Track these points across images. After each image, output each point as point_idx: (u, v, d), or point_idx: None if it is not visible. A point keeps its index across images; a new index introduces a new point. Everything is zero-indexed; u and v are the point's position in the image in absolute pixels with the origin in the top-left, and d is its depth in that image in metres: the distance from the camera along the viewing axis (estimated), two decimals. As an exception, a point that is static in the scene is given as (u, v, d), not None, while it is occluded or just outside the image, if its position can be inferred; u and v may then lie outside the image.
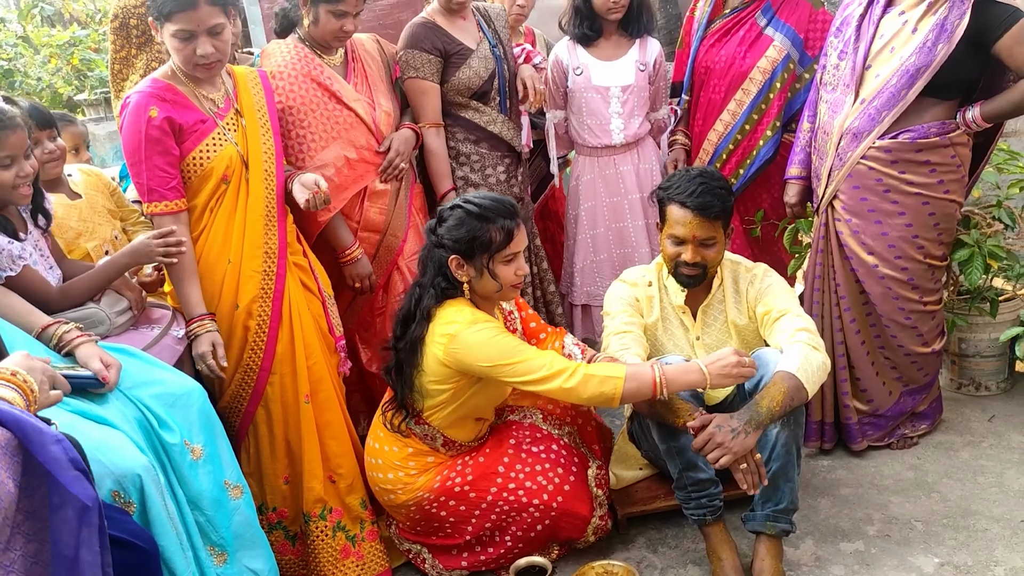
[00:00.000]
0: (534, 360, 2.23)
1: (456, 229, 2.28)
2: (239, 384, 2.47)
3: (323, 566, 2.52)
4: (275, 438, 2.51)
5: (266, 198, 2.45)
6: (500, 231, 2.27)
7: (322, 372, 2.53)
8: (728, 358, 2.20)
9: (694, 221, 2.39)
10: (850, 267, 2.85)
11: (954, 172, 2.72)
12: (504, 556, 2.51)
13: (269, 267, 2.45)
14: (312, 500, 2.50)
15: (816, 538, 2.57)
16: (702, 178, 2.42)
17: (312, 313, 2.56)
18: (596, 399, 2.22)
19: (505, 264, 2.31)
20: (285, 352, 2.47)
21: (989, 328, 3.19)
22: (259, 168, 2.44)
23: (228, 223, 2.42)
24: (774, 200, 3.30)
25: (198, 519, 2.00)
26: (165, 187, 2.32)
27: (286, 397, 2.49)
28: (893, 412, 2.99)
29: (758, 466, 2.19)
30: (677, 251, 2.45)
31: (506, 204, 2.31)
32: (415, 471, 2.47)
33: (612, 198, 3.36)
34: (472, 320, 2.27)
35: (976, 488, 2.73)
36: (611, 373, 2.20)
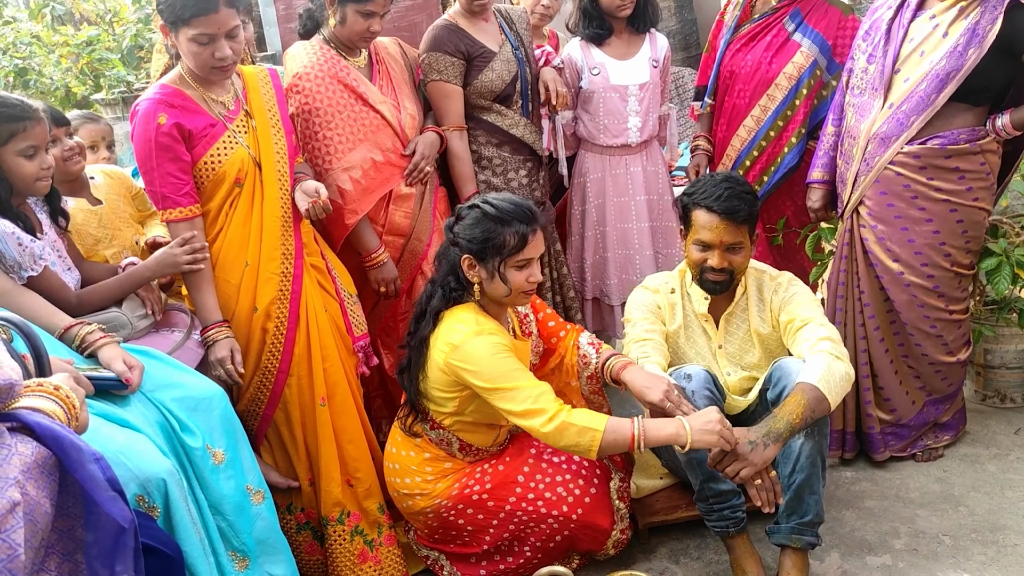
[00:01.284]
0: (522, 391, 2.17)
1: (471, 228, 2.25)
2: (257, 387, 2.45)
3: (341, 570, 2.50)
4: (296, 440, 2.49)
5: (281, 199, 2.42)
6: (515, 235, 2.23)
7: (339, 375, 2.51)
8: (712, 415, 2.12)
9: (721, 226, 2.36)
10: (875, 274, 2.82)
11: (983, 180, 2.68)
12: (523, 566, 2.48)
13: (287, 268, 2.43)
14: (330, 504, 2.48)
15: (842, 551, 2.53)
16: (728, 183, 2.39)
17: (329, 314, 2.54)
18: (571, 448, 2.17)
19: (517, 269, 2.26)
20: (302, 354, 2.45)
21: (1016, 339, 3.15)
22: (272, 169, 2.42)
23: (244, 225, 2.40)
24: (797, 208, 3.27)
25: (220, 524, 1.98)
26: (178, 193, 2.30)
27: (303, 400, 2.47)
28: (916, 422, 2.95)
29: (773, 483, 2.14)
30: (703, 256, 2.42)
31: (525, 209, 2.27)
32: (432, 477, 2.44)
33: (620, 198, 3.33)
34: (477, 331, 2.23)
35: (1004, 502, 2.68)
36: (591, 424, 2.13)
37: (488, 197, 2.31)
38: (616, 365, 2.40)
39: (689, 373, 2.38)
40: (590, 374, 2.53)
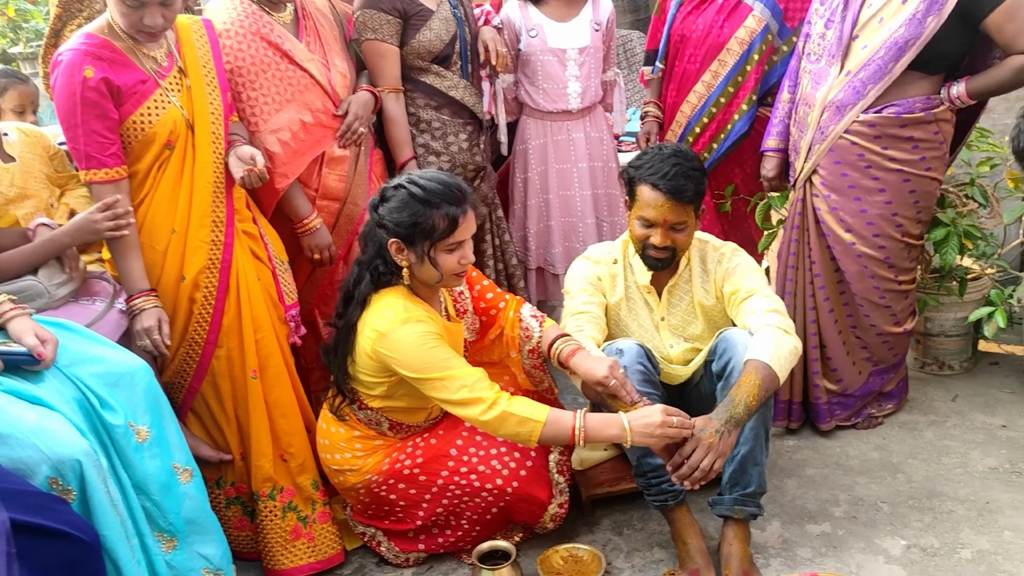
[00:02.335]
0: (457, 380, 2.10)
1: (398, 212, 2.13)
2: (183, 359, 2.35)
3: (272, 547, 2.43)
4: (227, 414, 2.41)
5: (214, 163, 2.31)
6: (444, 218, 2.12)
7: (271, 346, 2.42)
8: (654, 417, 2.09)
9: (666, 204, 2.30)
10: (826, 244, 2.81)
11: (936, 149, 2.67)
12: (463, 539, 2.44)
13: (217, 236, 2.32)
14: (261, 479, 2.40)
15: (783, 520, 2.54)
16: (676, 158, 2.31)
17: (262, 283, 2.44)
18: (511, 438, 2.14)
19: (448, 253, 2.17)
20: (232, 325, 2.36)
21: (955, 308, 3.18)
22: (206, 132, 2.29)
23: (173, 190, 2.27)
24: (746, 176, 3.24)
25: (144, 504, 1.90)
26: (104, 153, 2.16)
27: (234, 372, 2.38)
28: (862, 392, 2.97)
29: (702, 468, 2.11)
30: (646, 233, 2.36)
31: (454, 188, 2.15)
32: (362, 453, 2.37)
33: (562, 164, 3.26)
34: (404, 318, 2.14)
35: (941, 469, 2.72)
36: (531, 415, 2.08)
37: (415, 176, 2.18)
38: (565, 351, 2.33)
39: (621, 348, 2.34)
40: (532, 347, 2.47)
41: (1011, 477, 2.64)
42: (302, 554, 2.44)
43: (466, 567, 2.44)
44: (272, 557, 2.43)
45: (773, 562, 2.36)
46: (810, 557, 2.37)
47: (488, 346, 2.58)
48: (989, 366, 3.36)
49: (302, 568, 2.44)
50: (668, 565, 2.38)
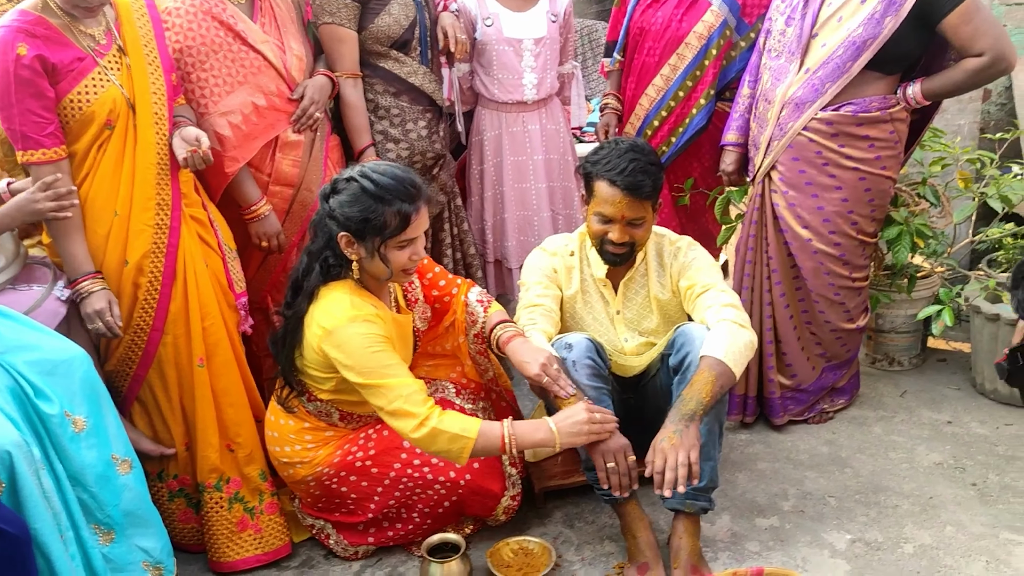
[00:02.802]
0: (393, 390, 2.08)
1: (349, 205, 2.09)
2: (128, 346, 2.29)
3: (218, 539, 2.39)
4: (172, 403, 2.36)
5: (157, 144, 2.25)
6: (396, 215, 2.08)
7: (219, 334, 2.37)
8: (579, 415, 2.10)
9: (623, 201, 2.28)
10: (783, 240, 2.82)
11: (891, 148, 2.70)
12: (413, 532, 2.42)
13: (162, 220, 2.26)
14: (207, 470, 2.36)
15: (733, 514, 2.55)
16: (633, 153, 2.29)
17: (211, 269, 2.39)
18: (441, 454, 2.12)
19: (399, 249, 2.14)
20: (179, 311, 2.31)
21: (906, 304, 3.23)
22: (148, 112, 2.23)
23: (115, 171, 2.21)
24: (704, 170, 3.25)
25: (81, 496, 1.84)
26: (41, 133, 2.10)
27: (180, 360, 2.33)
28: (815, 387, 3.00)
29: (630, 469, 2.15)
30: (603, 229, 2.35)
31: (407, 184, 2.11)
32: (313, 445, 2.33)
33: (517, 157, 3.24)
34: (352, 316, 2.10)
35: (888, 464, 2.76)
36: (461, 432, 2.07)
37: (368, 169, 2.13)
38: (503, 336, 2.33)
39: (570, 343, 2.33)
40: (476, 332, 2.45)
41: (954, 473, 2.68)
42: (248, 546, 2.40)
43: (415, 559, 2.42)
44: (217, 549, 2.39)
45: (721, 556, 2.38)
46: (758, 551, 2.38)
47: (442, 335, 2.56)
48: (937, 363, 3.42)
49: (248, 560, 2.40)
50: (618, 558, 2.38)
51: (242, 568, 2.40)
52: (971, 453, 2.77)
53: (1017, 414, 2.99)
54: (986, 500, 2.53)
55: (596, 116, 4.07)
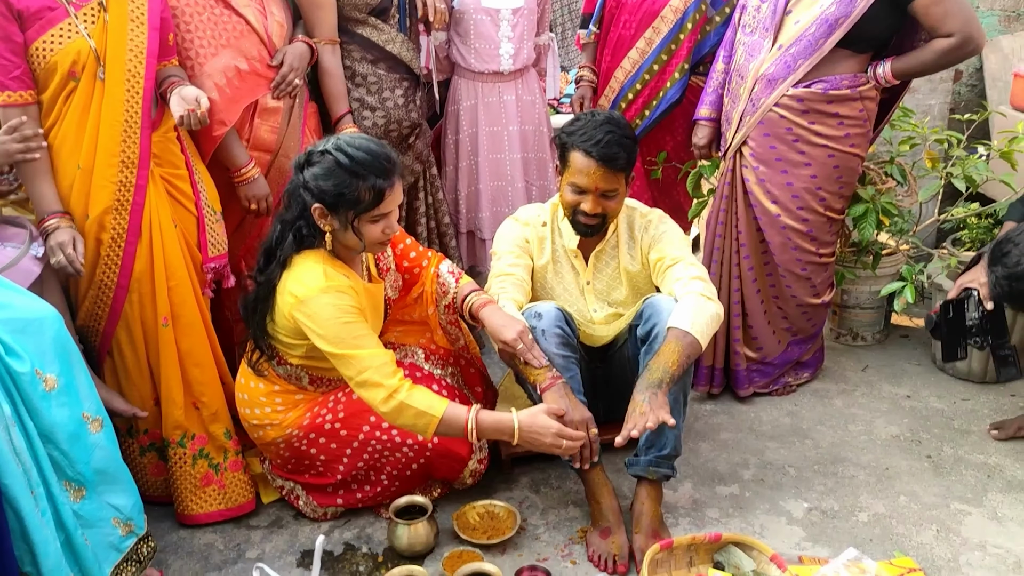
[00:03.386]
0: (363, 360, 2.12)
1: (323, 179, 2.10)
2: (93, 302, 2.32)
3: (183, 493, 2.44)
4: (139, 361, 2.39)
5: (127, 102, 2.24)
6: (370, 191, 2.10)
7: (185, 295, 2.39)
8: (549, 427, 2.14)
9: (598, 172, 2.30)
10: (753, 215, 2.87)
11: (860, 126, 2.74)
12: (381, 494, 2.46)
13: (127, 178, 2.26)
14: (171, 426, 2.40)
15: (695, 481, 2.61)
16: (609, 125, 2.31)
17: (180, 230, 2.40)
18: (408, 428, 2.17)
19: (372, 223, 2.16)
20: (144, 271, 2.32)
21: (870, 281, 3.29)
22: (120, 68, 2.22)
23: (80, 125, 2.22)
24: (677, 144, 3.27)
25: (52, 453, 1.85)
26: (7, 76, 2.12)
27: (145, 318, 2.35)
28: (780, 360, 3.06)
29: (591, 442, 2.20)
30: (577, 199, 2.37)
31: (382, 159, 2.11)
32: (283, 407, 2.37)
33: (492, 127, 3.25)
34: (324, 286, 2.12)
35: (847, 435, 2.83)
36: (428, 409, 2.12)
37: (343, 143, 2.13)
38: (476, 302, 2.37)
39: (540, 312, 2.36)
40: (447, 303, 2.49)
41: (911, 445, 2.76)
42: (212, 500, 2.45)
43: (383, 521, 2.46)
44: (182, 502, 2.44)
45: (682, 521, 2.44)
46: (717, 517, 2.45)
47: (410, 304, 2.59)
48: (900, 338, 3.50)
49: (211, 514, 2.46)
50: (582, 523, 2.44)
51: (205, 521, 2.46)
52: (927, 426, 2.85)
53: (974, 389, 3.07)
54: (940, 472, 2.62)
55: (573, 88, 4.09)
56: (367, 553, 2.35)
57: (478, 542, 2.33)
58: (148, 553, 2.11)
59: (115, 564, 1.99)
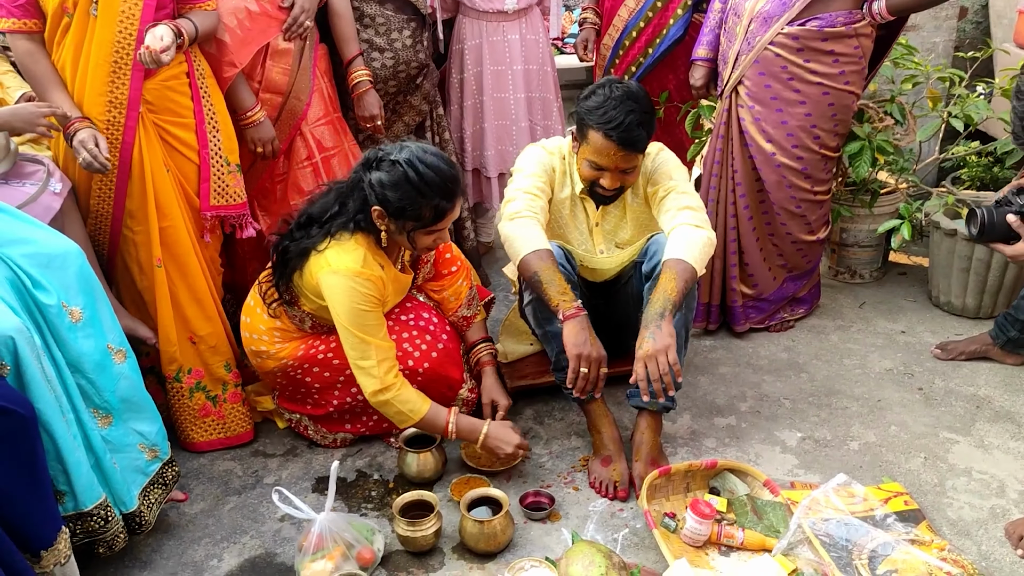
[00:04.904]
0: (371, 348, 2.23)
1: (390, 189, 2.15)
2: (94, 229, 2.44)
3: (183, 423, 2.57)
4: (136, 297, 2.51)
5: (116, 43, 2.27)
6: (433, 210, 2.16)
7: (179, 237, 2.46)
8: (511, 439, 2.35)
9: (619, 154, 2.28)
10: (748, 154, 2.91)
11: (855, 63, 2.76)
12: (379, 424, 2.57)
13: (115, 118, 2.32)
14: (166, 362, 2.51)
15: (693, 414, 2.71)
16: (630, 103, 2.23)
17: (175, 175, 2.46)
18: (391, 418, 2.32)
19: (426, 235, 2.24)
20: (137, 208, 2.40)
21: (869, 219, 3.34)
22: (114, 9, 2.25)
23: (74, 61, 2.29)
24: (680, 82, 3.30)
25: (80, 382, 1.95)
26: (12, 4, 2.20)
27: (141, 258, 2.45)
28: (775, 297, 3.13)
29: (599, 379, 2.24)
30: (595, 175, 2.36)
31: (449, 181, 2.16)
32: (280, 341, 2.48)
33: (497, 66, 3.27)
34: (356, 271, 2.20)
35: (841, 369, 2.92)
36: (409, 412, 2.28)
37: (415, 157, 2.15)
38: (482, 359, 2.64)
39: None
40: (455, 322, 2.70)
41: (903, 378, 2.85)
42: (212, 430, 2.59)
43: (393, 451, 2.57)
44: (183, 431, 2.58)
45: (680, 451, 2.54)
46: (714, 447, 2.55)
47: (431, 291, 2.71)
48: (897, 276, 3.56)
49: (212, 443, 2.60)
50: (583, 452, 2.54)
51: (206, 449, 2.60)
52: (920, 360, 2.94)
53: (968, 325, 3.15)
54: (930, 403, 2.71)
55: (576, 28, 4.08)
56: (379, 480, 2.47)
57: (484, 469, 2.44)
58: (173, 477, 2.23)
59: (143, 486, 2.11)
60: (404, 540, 2.15)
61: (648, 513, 2.12)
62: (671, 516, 2.17)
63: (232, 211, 2.60)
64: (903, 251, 3.67)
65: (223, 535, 2.27)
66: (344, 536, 2.07)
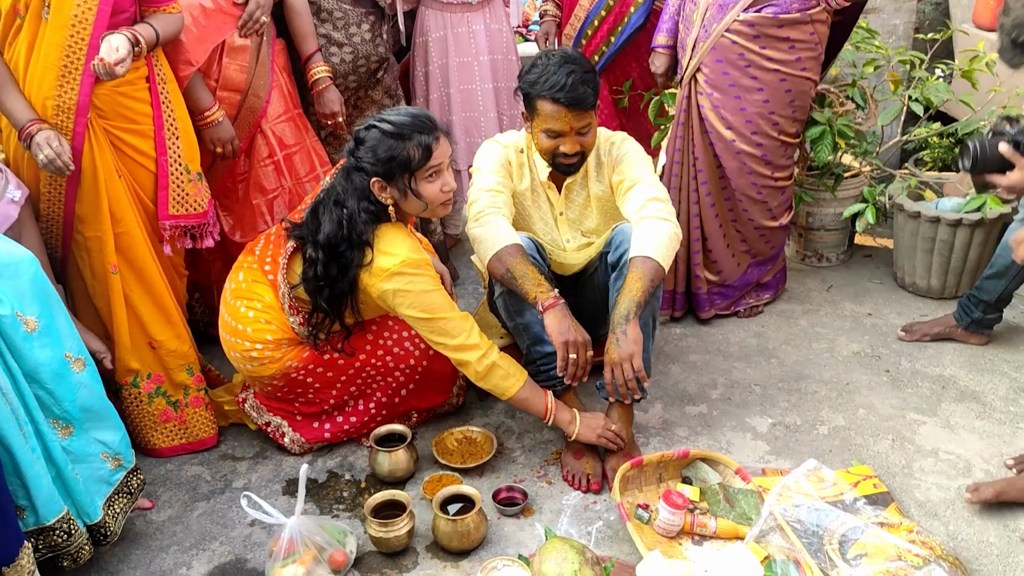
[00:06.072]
0: (456, 323, 2.25)
1: (373, 150, 2.18)
2: (47, 233, 2.38)
3: (143, 430, 2.53)
4: (90, 305, 2.46)
5: (67, 47, 2.20)
6: (418, 147, 2.18)
7: (134, 244, 2.40)
8: (600, 421, 2.37)
9: (569, 115, 2.30)
10: (709, 141, 2.91)
11: (812, 50, 2.77)
12: (366, 424, 2.55)
13: (63, 123, 2.25)
14: (122, 371, 2.46)
15: (665, 403, 2.71)
16: (569, 66, 2.28)
17: (128, 182, 2.40)
18: (492, 388, 2.29)
19: (428, 182, 2.23)
20: (89, 214, 2.34)
21: (834, 203, 3.36)
22: (66, 13, 2.18)
23: (26, 62, 2.22)
24: (643, 70, 3.29)
25: (37, 393, 1.90)
26: None
27: (94, 265, 2.39)
28: (740, 283, 3.14)
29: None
30: (554, 143, 2.37)
31: (422, 118, 2.21)
32: (287, 346, 2.42)
33: (462, 58, 3.25)
34: (412, 260, 2.20)
35: (810, 353, 2.94)
36: (513, 373, 2.29)
37: (383, 115, 2.22)
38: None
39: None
40: None
41: (870, 361, 2.87)
42: (174, 435, 2.55)
43: (364, 450, 2.55)
44: (143, 438, 2.54)
45: (653, 441, 2.54)
46: (686, 435, 2.56)
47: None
48: (863, 258, 3.59)
49: (175, 448, 2.57)
50: (556, 445, 2.53)
51: (169, 455, 2.57)
52: (887, 342, 2.96)
53: (932, 305, 3.18)
54: (897, 384, 2.73)
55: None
56: (350, 480, 2.45)
57: (456, 466, 2.42)
58: (138, 485, 2.19)
59: (107, 496, 2.07)
60: (377, 541, 2.13)
61: (621, 506, 2.12)
62: (644, 507, 2.17)
63: (192, 220, 2.52)
64: (868, 233, 3.70)
65: (192, 542, 2.24)
66: (315, 540, 2.05)
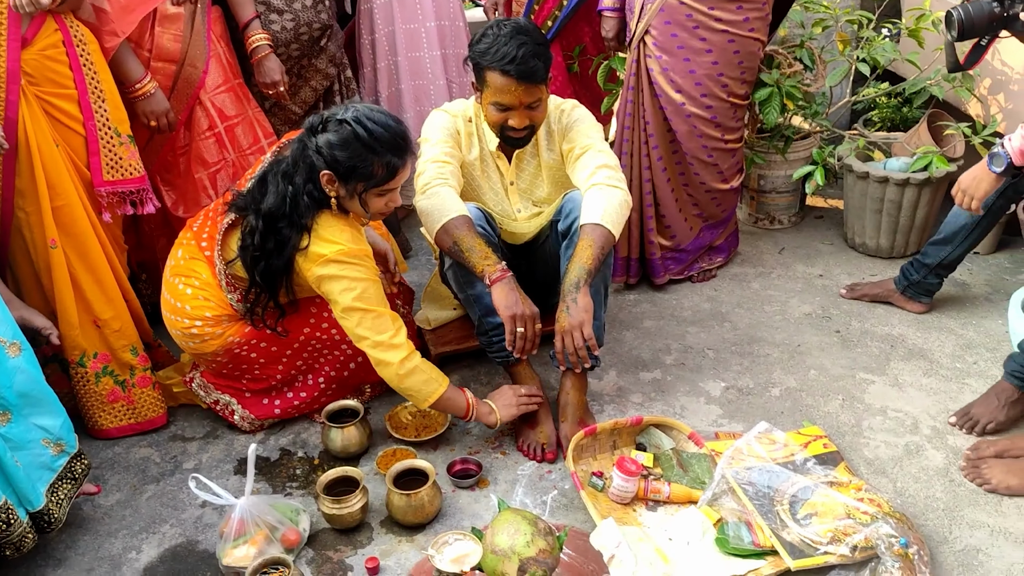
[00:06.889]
0: (386, 321, 2.19)
1: (338, 148, 2.08)
2: None
3: (91, 409, 2.48)
4: (31, 281, 2.39)
5: None
6: (384, 167, 2.10)
7: (75, 216, 2.33)
8: (508, 395, 2.36)
9: (519, 88, 2.25)
10: (659, 105, 2.89)
11: (759, 10, 2.76)
12: (317, 400, 2.52)
13: None
14: (69, 347, 2.40)
15: (619, 370, 2.72)
16: (520, 37, 2.23)
17: (64, 150, 2.32)
18: (410, 392, 2.24)
19: (378, 197, 2.17)
20: (27, 188, 2.27)
21: (785, 165, 3.37)
22: None
23: None
24: (595, 34, 3.25)
25: (-30, 381, 1.85)
26: None
27: (35, 240, 2.32)
28: (693, 247, 3.15)
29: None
30: (503, 116, 2.33)
31: (399, 137, 2.12)
32: (226, 321, 2.37)
33: (409, 24, 3.18)
34: (347, 250, 2.15)
35: (763, 316, 2.96)
36: (435, 378, 2.25)
37: (362, 115, 2.09)
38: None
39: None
40: None
41: (821, 322, 2.90)
42: (122, 415, 2.51)
43: (317, 426, 2.52)
44: (91, 418, 2.49)
45: (607, 408, 2.55)
46: (640, 402, 2.57)
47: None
48: (815, 220, 3.62)
49: (123, 428, 2.52)
50: (511, 415, 2.53)
51: (117, 435, 2.52)
52: (837, 303, 2.99)
53: (881, 265, 3.22)
54: (847, 345, 2.76)
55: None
56: (303, 457, 2.42)
57: (411, 440, 2.41)
58: (83, 470, 2.14)
59: (49, 483, 2.02)
60: (330, 518, 2.12)
61: (575, 475, 2.12)
62: (599, 475, 2.17)
63: (128, 185, 2.44)
64: (819, 195, 3.72)
65: (141, 526, 2.20)
66: (267, 519, 2.03)
